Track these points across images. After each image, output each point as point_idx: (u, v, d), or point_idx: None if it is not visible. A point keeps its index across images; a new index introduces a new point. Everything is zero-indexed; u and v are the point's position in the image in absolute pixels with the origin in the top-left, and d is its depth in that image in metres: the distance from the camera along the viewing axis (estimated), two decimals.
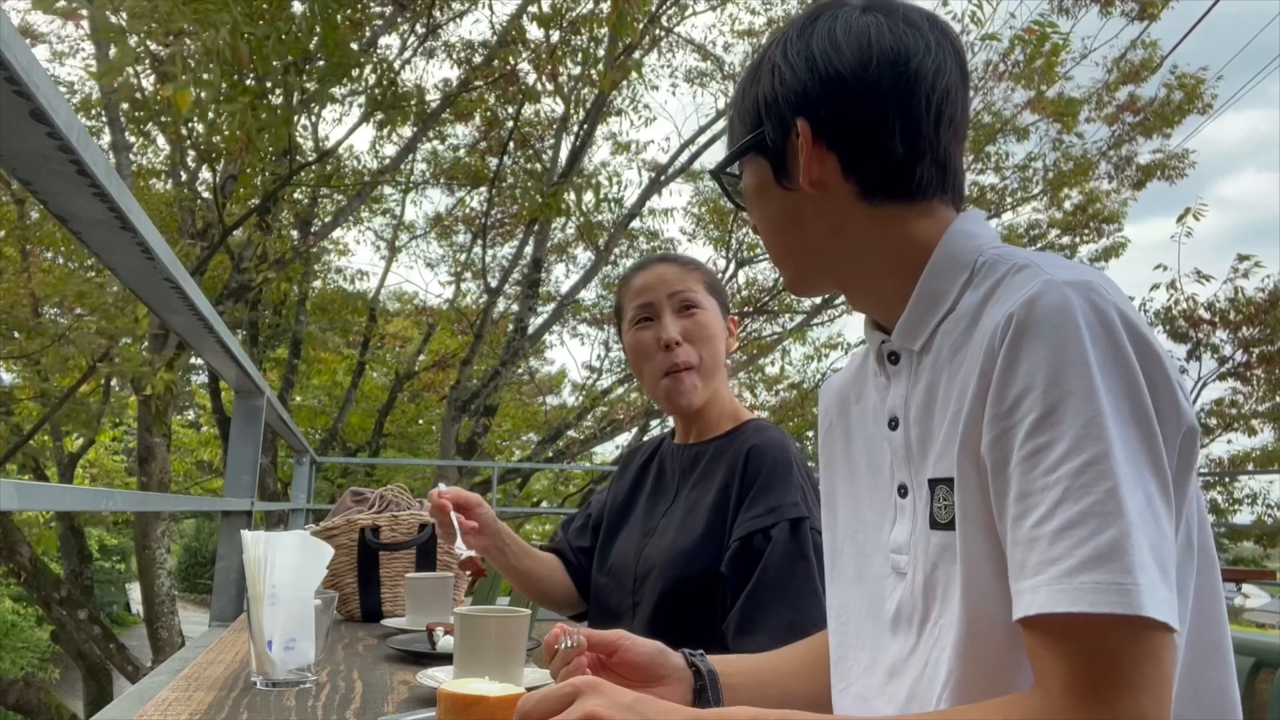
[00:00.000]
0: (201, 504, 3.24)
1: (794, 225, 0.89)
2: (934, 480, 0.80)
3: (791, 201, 0.88)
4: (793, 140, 0.86)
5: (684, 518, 1.50)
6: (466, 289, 11.31)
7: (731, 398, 1.62)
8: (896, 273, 0.86)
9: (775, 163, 0.89)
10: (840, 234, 0.87)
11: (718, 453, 1.53)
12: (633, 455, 1.76)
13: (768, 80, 0.89)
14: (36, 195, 1.00)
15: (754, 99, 0.90)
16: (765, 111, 0.88)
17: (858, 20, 0.86)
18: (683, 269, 1.59)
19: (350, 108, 8.01)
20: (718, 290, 1.61)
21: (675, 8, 8.81)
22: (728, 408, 1.59)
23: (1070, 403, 0.68)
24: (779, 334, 11.12)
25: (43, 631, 12.62)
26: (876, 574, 0.89)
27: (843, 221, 0.87)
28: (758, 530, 1.38)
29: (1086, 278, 0.72)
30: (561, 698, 0.71)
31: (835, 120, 0.85)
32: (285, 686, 1.26)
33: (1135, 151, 10.07)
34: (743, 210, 0.96)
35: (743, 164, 0.93)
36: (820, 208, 0.87)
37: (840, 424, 0.99)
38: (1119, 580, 0.64)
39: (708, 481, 1.51)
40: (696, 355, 1.53)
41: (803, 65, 0.86)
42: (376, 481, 10.32)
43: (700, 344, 1.54)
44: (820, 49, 0.86)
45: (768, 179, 0.90)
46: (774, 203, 0.90)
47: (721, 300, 1.61)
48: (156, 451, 6.88)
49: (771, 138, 0.88)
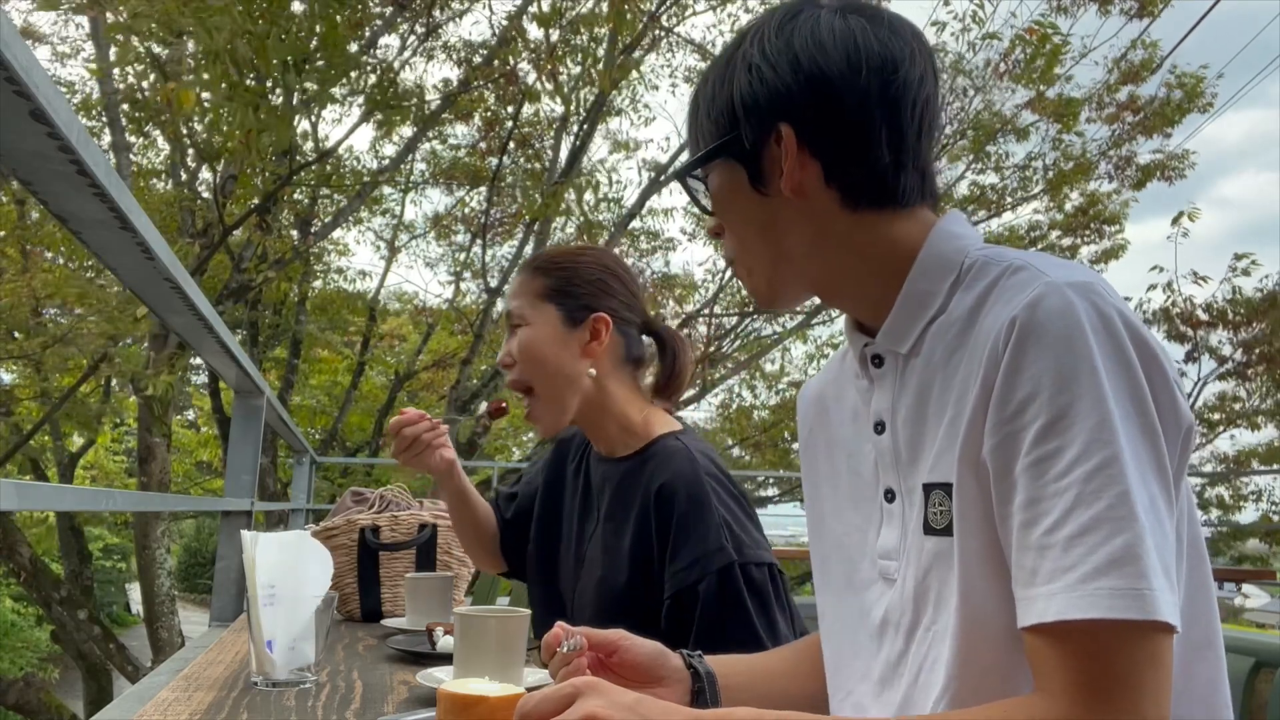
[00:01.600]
0: (201, 504, 3.25)
1: (770, 232, 0.86)
2: (929, 485, 0.79)
3: (768, 208, 0.85)
4: (771, 145, 0.83)
5: (605, 552, 1.42)
6: (466, 289, 11.31)
7: (633, 409, 1.45)
8: (879, 276, 0.84)
9: (750, 167, 0.85)
10: (820, 241, 0.84)
11: (629, 478, 1.41)
12: (566, 448, 1.62)
13: (744, 79, 0.84)
14: (36, 195, 1.00)
15: (727, 99, 0.85)
16: (743, 113, 0.84)
17: (840, 23, 0.82)
18: (525, 278, 1.47)
19: (350, 108, 8.01)
20: (562, 292, 1.44)
21: (675, 7, 8.80)
22: (631, 420, 1.44)
23: (1079, 407, 0.67)
24: (779, 334, 11.11)
25: (43, 631, 12.62)
26: (863, 580, 0.88)
27: (823, 228, 0.84)
28: (685, 588, 1.29)
29: (1086, 279, 0.72)
30: (562, 698, 0.71)
31: (821, 126, 0.82)
32: (285, 686, 1.26)
33: (1135, 152, 10.07)
34: (709, 216, 0.91)
35: (710, 168, 0.88)
36: (799, 215, 0.84)
37: (821, 429, 0.97)
38: (1134, 586, 0.64)
39: (624, 512, 1.41)
40: (524, 375, 1.43)
41: (785, 66, 0.82)
42: (376, 481, 10.32)
43: (524, 364, 1.43)
44: (804, 50, 0.82)
45: (741, 184, 0.86)
46: (748, 209, 0.86)
47: (572, 301, 1.43)
48: (156, 452, 6.87)
49: (750, 140, 0.84)
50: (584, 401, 1.43)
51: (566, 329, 1.42)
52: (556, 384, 1.42)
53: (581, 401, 1.43)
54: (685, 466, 1.35)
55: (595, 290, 1.45)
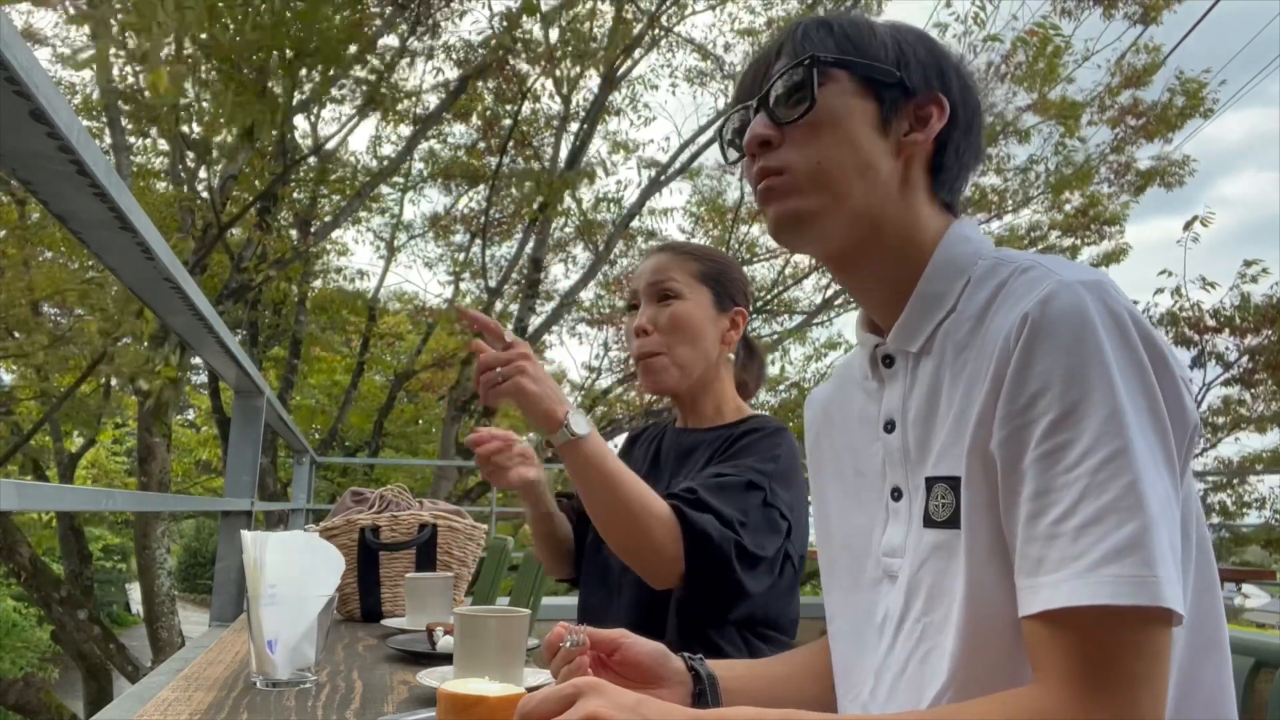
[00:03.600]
0: (201, 504, 3.24)
1: (867, 171, 0.84)
2: (932, 479, 0.80)
3: (875, 149, 0.85)
4: (914, 104, 0.85)
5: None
6: (466, 289, 11.31)
7: (730, 394, 1.59)
8: (904, 265, 0.86)
9: (886, 107, 0.85)
10: (887, 206, 0.85)
11: (718, 439, 1.53)
12: (639, 436, 1.76)
13: (911, 37, 0.88)
14: (36, 195, 1.00)
15: (891, 41, 0.86)
16: (914, 60, 0.86)
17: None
18: (675, 257, 1.57)
19: (347, 104, 8.01)
20: (716, 279, 1.56)
21: (675, 7, 8.80)
22: (728, 401, 1.58)
23: (1091, 400, 0.68)
24: (779, 333, 11.11)
25: (43, 631, 12.61)
26: (869, 580, 0.89)
27: (899, 196, 0.86)
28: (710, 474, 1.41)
29: (1096, 277, 0.73)
30: (563, 699, 0.71)
31: (958, 113, 0.87)
32: (285, 686, 1.26)
33: (1135, 157, 10.07)
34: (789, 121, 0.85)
35: (830, 77, 0.85)
36: (890, 174, 0.85)
37: (826, 434, 0.98)
38: (1140, 573, 0.64)
39: (695, 461, 1.52)
40: (665, 344, 1.52)
41: (940, 51, 0.88)
42: (376, 481, 10.33)
43: (669, 334, 1.52)
44: (944, 46, 0.89)
45: (864, 112, 0.85)
46: (857, 137, 0.85)
47: (722, 289, 1.56)
48: (156, 451, 6.88)
49: (911, 85, 0.85)
50: (703, 378, 1.55)
51: (716, 313, 1.55)
52: (696, 354, 1.53)
53: (702, 377, 1.55)
54: (776, 424, 1.50)
55: (739, 287, 1.59)
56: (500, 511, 6.90)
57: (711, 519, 1.32)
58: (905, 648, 0.81)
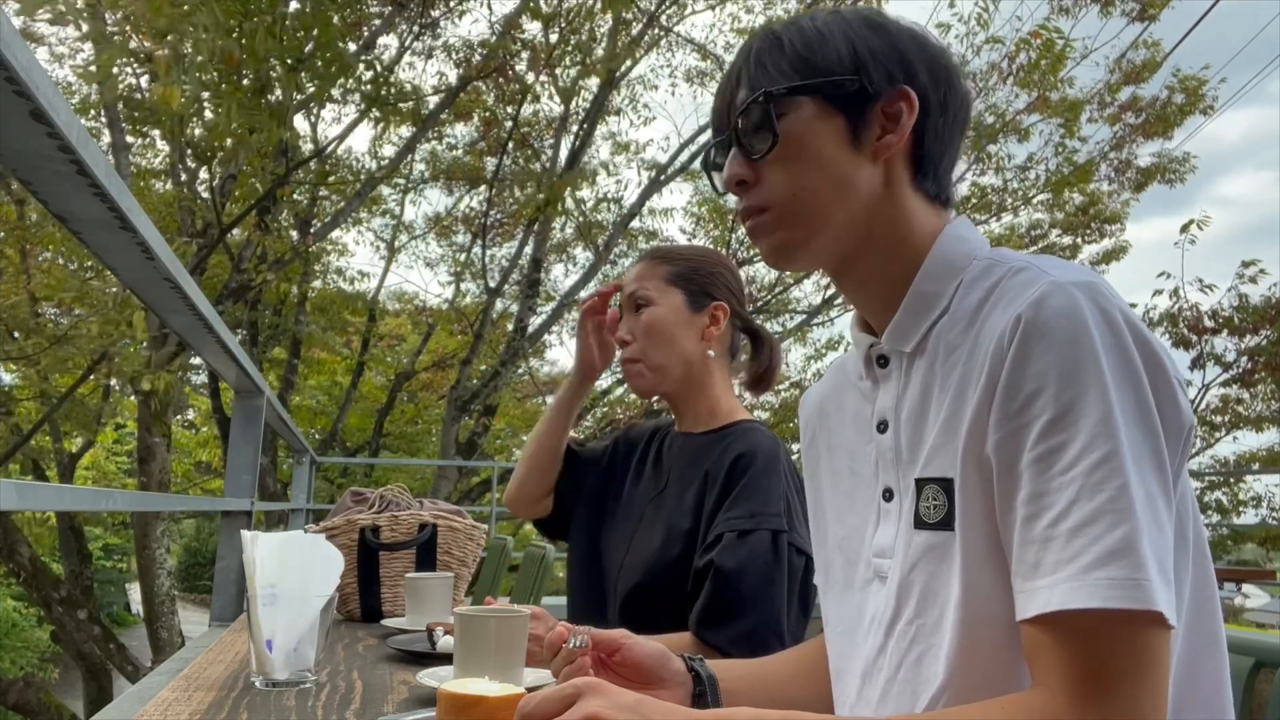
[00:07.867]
0: (201, 504, 3.24)
1: (844, 188, 0.83)
2: (922, 480, 0.79)
3: (850, 164, 0.83)
4: (881, 103, 0.82)
5: (671, 505, 1.52)
6: (466, 289, 11.31)
7: (726, 395, 1.59)
8: (899, 265, 0.85)
9: (853, 117, 0.83)
10: (873, 211, 0.84)
11: (706, 447, 1.52)
12: (635, 442, 1.74)
13: (865, 33, 0.83)
14: (36, 195, 1.00)
15: (844, 44, 0.83)
16: (871, 61, 0.82)
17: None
18: (649, 264, 1.59)
19: (347, 104, 8.01)
20: (688, 279, 1.56)
21: (674, 7, 8.81)
22: (719, 404, 1.57)
23: (1085, 402, 0.68)
24: (779, 334, 11.12)
25: (43, 631, 12.61)
26: (861, 580, 0.88)
27: (884, 199, 0.84)
28: (735, 531, 1.38)
29: (1089, 279, 0.72)
30: (563, 699, 0.71)
31: (932, 102, 0.84)
32: (285, 686, 1.26)
33: (1135, 155, 10.07)
34: (755, 158, 0.85)
35: (791, 104, 0.83)
36: (870, 180, 0.83)
37: (822, 434, 0.98)
38: (1132, 576, 0.64)
39: (695, 471, 1.51)
40: (640, 351, 1.55)
41: (906, 37, 0.84)
42: (376, 481, 10.32)
43: (644, 340, 1.55)
44: (916, 31, 0.86)
45: (832, 131, 0.83)
46: (830, 159, 0.83)
47: (695, 288, 1.56)
48: (156, 452, 6.88)
49: (874, 88, 0.82)
50: (687, 378, 1.56)
51: (690, 312, 1.55)
52: (669, 359, 1.54)
53: (685, 377, 1.56)
54: (765, 443, 1.46)
55: (715, 282, 1.58)
56: (500, 512, 6.90)
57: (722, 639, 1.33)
58: (898, 650, 0.80)
